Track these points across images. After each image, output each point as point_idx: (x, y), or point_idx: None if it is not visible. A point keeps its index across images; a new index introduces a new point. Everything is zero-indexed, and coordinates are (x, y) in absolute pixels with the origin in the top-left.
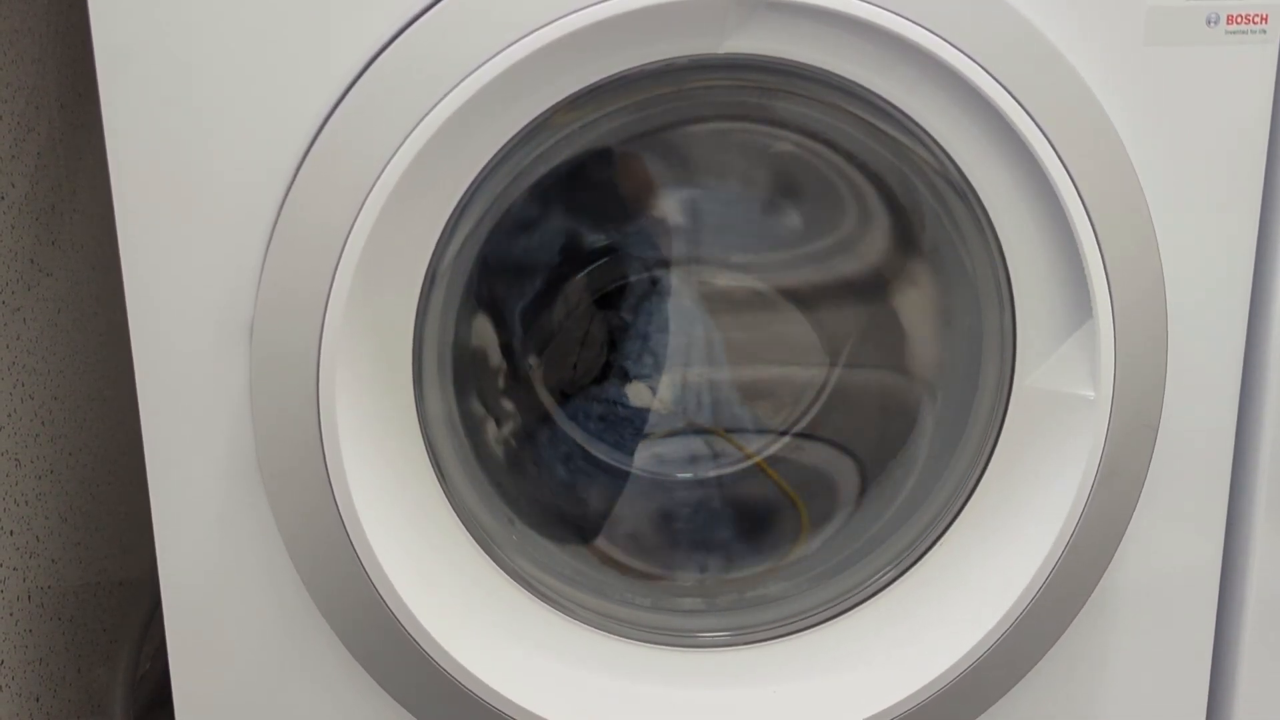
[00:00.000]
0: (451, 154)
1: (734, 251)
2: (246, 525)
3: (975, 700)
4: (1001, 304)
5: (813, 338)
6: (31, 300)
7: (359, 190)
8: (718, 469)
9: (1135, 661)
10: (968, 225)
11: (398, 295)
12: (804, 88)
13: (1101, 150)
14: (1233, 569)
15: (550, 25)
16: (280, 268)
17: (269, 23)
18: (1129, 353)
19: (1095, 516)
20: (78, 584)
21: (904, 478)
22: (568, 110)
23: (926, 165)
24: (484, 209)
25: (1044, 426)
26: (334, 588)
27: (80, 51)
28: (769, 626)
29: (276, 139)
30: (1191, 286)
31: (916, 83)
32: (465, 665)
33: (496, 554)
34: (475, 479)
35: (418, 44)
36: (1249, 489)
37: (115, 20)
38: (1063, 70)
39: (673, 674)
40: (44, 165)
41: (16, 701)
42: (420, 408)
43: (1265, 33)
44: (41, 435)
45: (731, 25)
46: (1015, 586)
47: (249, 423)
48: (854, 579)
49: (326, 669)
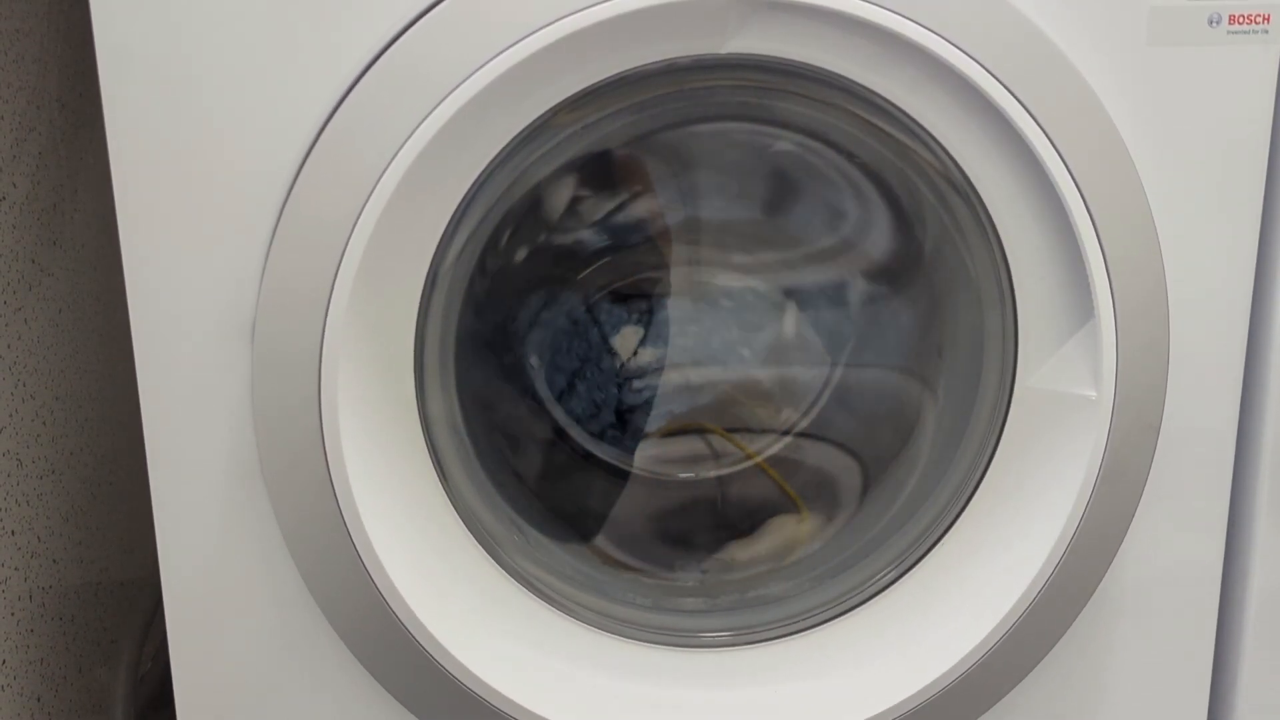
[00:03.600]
0: (453, 154)
1: (736, 251)
2: (248, 525)
3: (977, 700)
4: (1003, 304)
5: (814, 337)
6: (33, 300)
7: (361, 190)
8: (719, 469)
9: (1137, 661)
10: (969, 225)
11: (400, 296)
12: (806, 88)
13: (1103, 150)
14: (1234, 568)
15: (552, 25)
16: (282, 268)
17: (271, 22)
18: (1130, 353)
19: (1097, 516)
20: (79, 584)
21: (906, 478)
22: (570, 110)
23: (928, 165)
24: (486, 209)
25: (1046, 426)
26: (335, 588)
27: (82, 51)
28: (770, 626)
29: (278, 139)
30: (1193, 286)
31: (918, 83)
32: (467, 665)
33: (498, 554)
34: (477, 479)
35: (420, 44)
36: (1250, 489)
37: (117, 20)
38: (1065, 70)
39: (674, 674)
40: (45, 165)
41: (18, 701)
42: (422, 408)
43: (1267, 33)
44: (43, 435)
45: (733, 25)
46: (1017, 586)
47: (250, 423)
48: (856, 579)
49: (328, 669)
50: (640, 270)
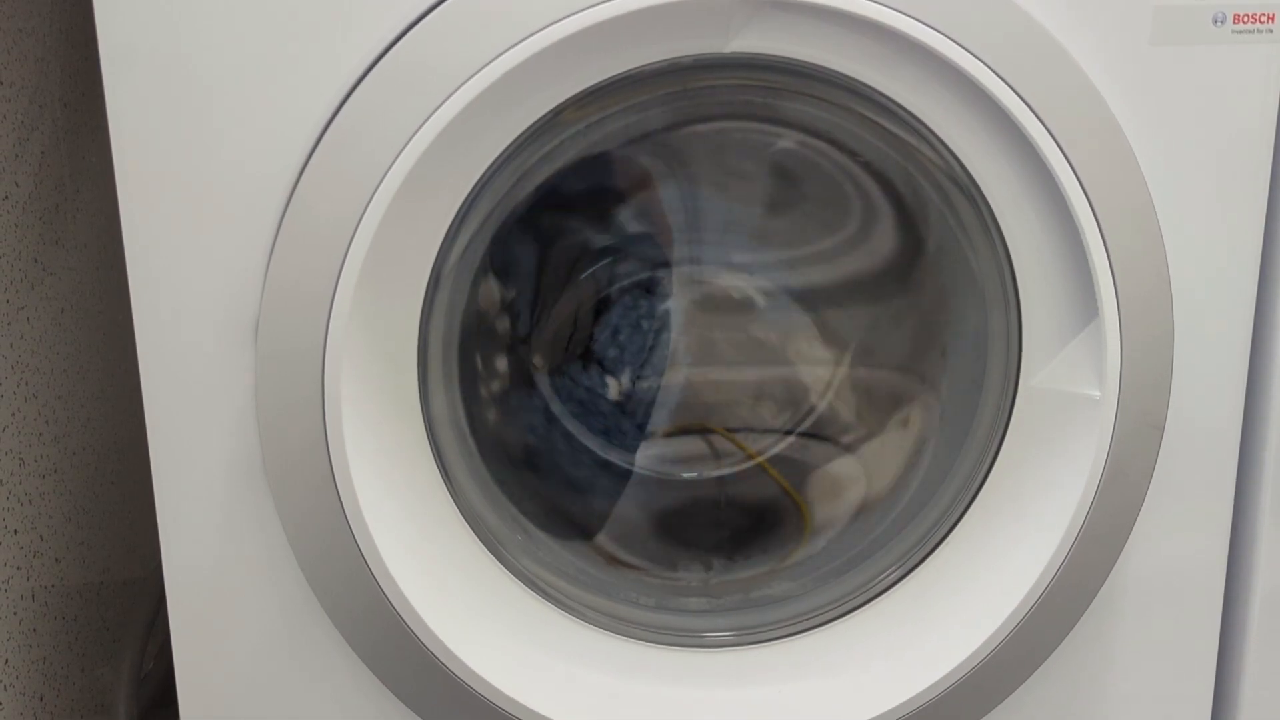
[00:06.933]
0: (456, 154)
1: (739, 250)
2: (251, 524)
3: (981, 699)
4: (1007, 303)
5: (817, 337)
6: (35, 299)
7: (365, 189)
8: (721, 469)
9: (1141, 660)
10: (973, 224)
11: (403, 295)
12: (809, 87)
13: (1107, 149)
14: (1238, 567)
15: (556, 25)
16: (285, 267)
17: (274, 22)
18: (1134, 352)
19: (1101, 516)
20: (81, 583)
21: (909, 478)
22: (573, 110)
23: (932, 164)
24: (489, 209)
25: (1049, 426)
26: (339, 587)
27: (84, 50)
28: (774, 626)
29: (281, 138)
30: (1197, 285)
31: (922, 82)
32: (470, 665)
33: (501, 554)
34: (480, 478)
35: (423, 43)
36: (1254, 488)
37: (120, 19)
38: (1069, 69)
39: (678, 674)
40: (48, 164)
41: (20, 700)
42: (425, 407)
43: (1272, 32)
44: (45, 434)
45: (737, 25)
46: (1021, 586)
47: (254, 422)
48: (859, 579)
49: (331, 669)
50: (642, 269)
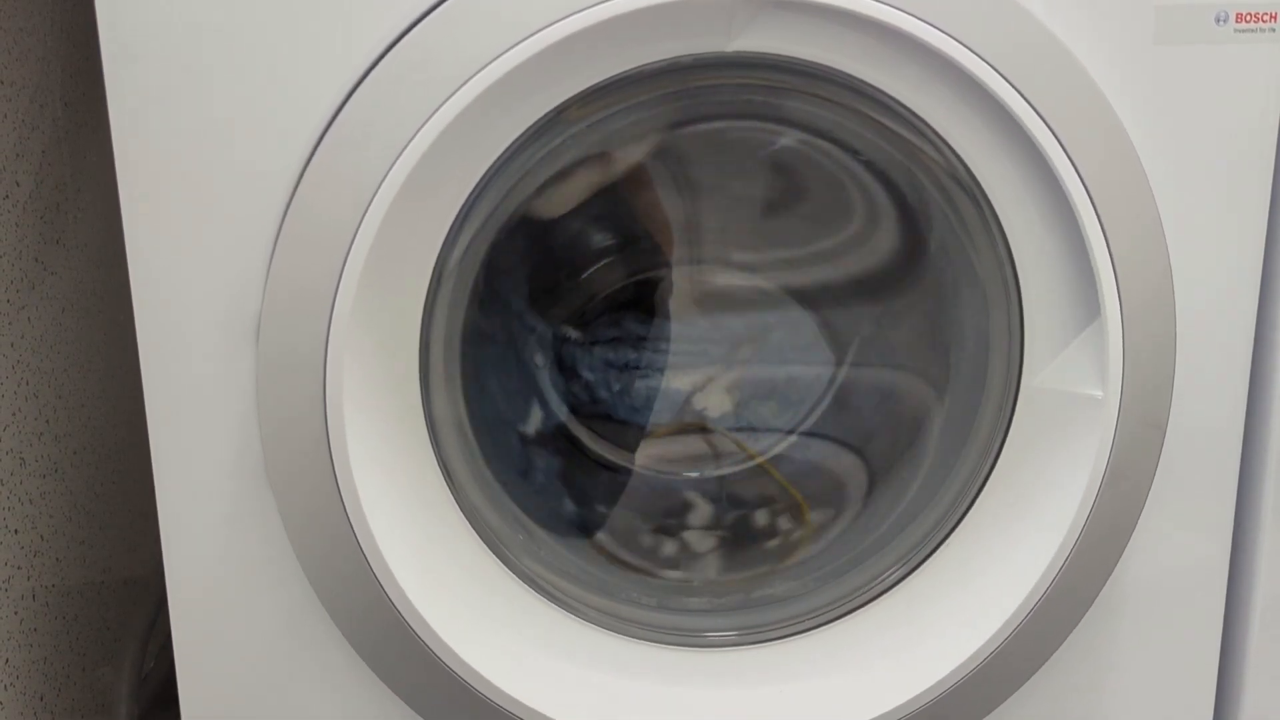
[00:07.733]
0: (458, 153)
1: (741, 250)
2: (252, 524)
3: (982, 700)
4: (1009, 303)
5: (819, 337)
6: (36, 299)
7: (366, 189)
8: (721, 468)
9: (1142, 661)
10: (975, 224)
11: (405, 295)
12: (812, 86)
13: (1110, 149)
14: (1240, 569)
15: (558, 24)
16: (287, 267)
17: (275, 20)
18: (1137, 352)
19: (1102, 516)
20: (82, 583)
21: (910, 477)
22: (575, 109)
23: (934, 164)
24: (491, 208)
25: (1051, 426)
26: (340, 587)
27: (85, 49)
28: (776, 626)
29: (283, 137)
30: (1200, 285)
31: (924, 81)
32: (472, 665)
33: (503, 554)
34: (482, 478)
35: (425, 42)
36: (1257, 489)
37: (121, 17)
38: (1071, 69)
39: (679, 673)
40: (49, 163)
41: (21, 700)
42: (427, 407)
43: (1274, 31)
44: (46, 434)
45: (739, 24)
46: (1023, 586)
47: (255, 421)
48: (861, 578)
49: (333, 669)
50: (643, 268)
